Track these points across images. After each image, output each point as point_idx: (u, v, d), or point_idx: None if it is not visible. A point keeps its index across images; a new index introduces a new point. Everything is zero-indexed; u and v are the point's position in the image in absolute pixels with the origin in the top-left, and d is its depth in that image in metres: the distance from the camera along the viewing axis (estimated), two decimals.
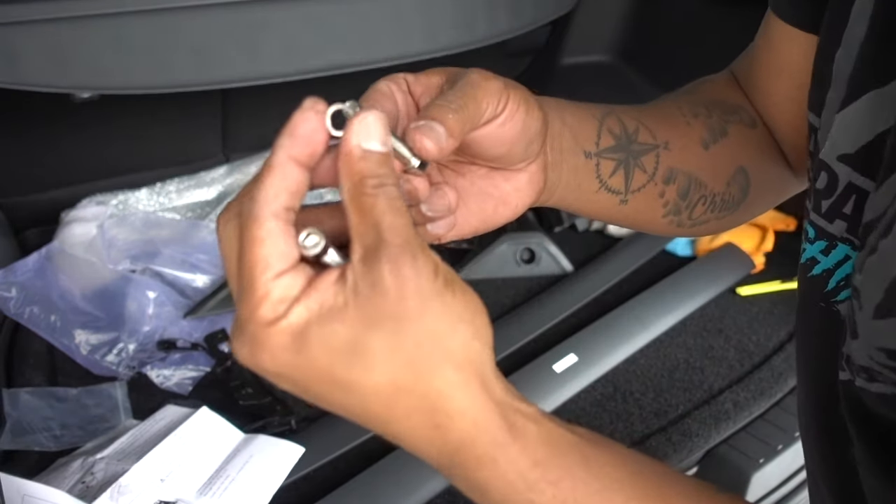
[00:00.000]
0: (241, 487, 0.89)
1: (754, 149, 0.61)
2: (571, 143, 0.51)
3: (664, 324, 1.26)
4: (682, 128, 0.58)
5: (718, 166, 0.59)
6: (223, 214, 0.37)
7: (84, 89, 1.15)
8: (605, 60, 1.76)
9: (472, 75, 0.42)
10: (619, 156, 0.54)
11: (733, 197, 0.60)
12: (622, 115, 0.56)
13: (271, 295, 0.34)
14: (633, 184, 0.55)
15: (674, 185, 0.56)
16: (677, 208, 0.58)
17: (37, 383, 1.11)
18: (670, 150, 0.56)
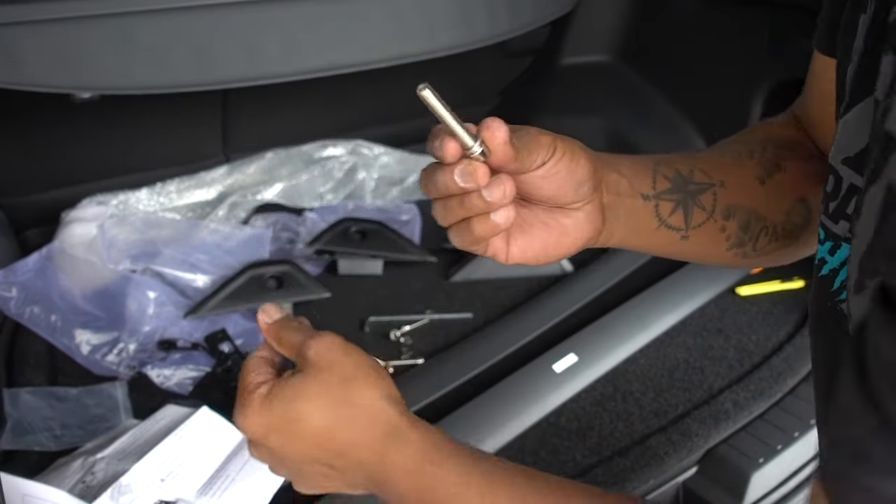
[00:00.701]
0: (241, 487, 0.89)
1: (813, 181, 0.63)
2: (628, 189, 0.57)
3: (664, 324, 1.26)
4: (738, 166, 0.62)
5: (776, 199, 0.62)
6: None
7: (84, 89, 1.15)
8: (605, 60, 1.76)
9: (530, 129, 0.52)
10: (677, 196, 0.59)
11: (795, 225, 0.63)
12: (676, 161, 0.61)
13: (252, 381, 0.57)
14: (692, 220, 0.59)
15: (734, 220, 0.60)
16: (740, 241, 0.62)
17: (37, 383, 1.11)
18: (727, 188, 0.60)
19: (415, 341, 1.24)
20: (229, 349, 1.19)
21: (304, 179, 1.57)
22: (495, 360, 1.18)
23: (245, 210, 1.51)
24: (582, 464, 1.02)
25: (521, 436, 1.05)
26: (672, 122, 1.62)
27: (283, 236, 1.47)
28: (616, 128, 1.71)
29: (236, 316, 1.25)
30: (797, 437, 1.05)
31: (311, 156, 1.60)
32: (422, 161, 1.66)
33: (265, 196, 1.53)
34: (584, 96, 1.76)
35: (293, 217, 1.51)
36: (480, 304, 1.31)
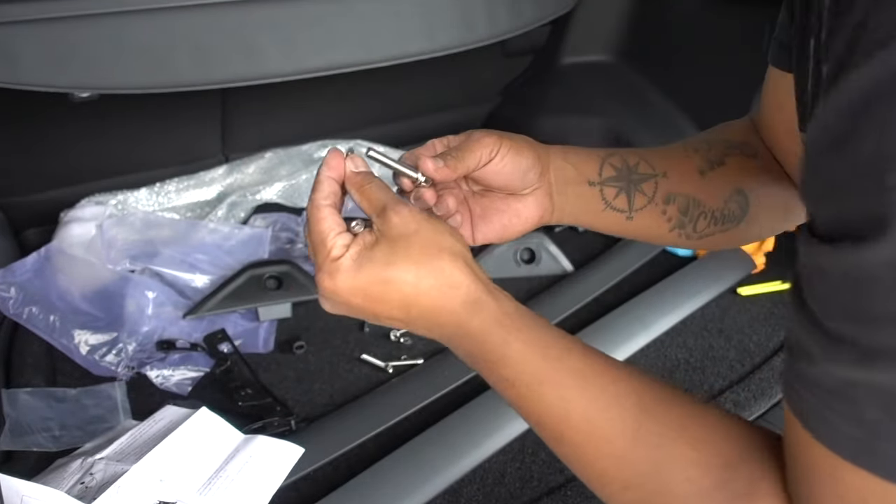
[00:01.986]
0: (240, 488, 0.89)
1: (753, 175, 0.71)
2: (574, 174, 0.68)
3: (664, 324, 1.25)
4: (682, 160, 0.70)
5: (714, 188, 0.70)
6: None
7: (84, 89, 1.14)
8: (605, 60, 1.76)
9: (475, 134, 0.64)
10: (621, 184, 0.68)
11: (732, 212, 0.71)
12: (626, 153, 0.69)
13: (336, 244, 0.57)
14: (635, 204, 0.68)
15: (674, 205, 0.69)
16: (681, 223, 0.70)
17: (36, 384, 1.11)
18: (668, 178, 0.69)
19: (415, 341, 1.23)
20: (228, 349, 1.18)
21: (304, 179, 1.56)
22: None
23: (244, 210, 1.50)
24: None
25: (521, 436, 1.05)
26: (672, 122, 1.62)
27: (282, 236, 1.47)
28: (616, 128, 1.70)
29: (235, 316, 1.25)
30: None
31: (310, 156, 1.59)
32: None
33: (264, 196, 1.53)
34: (584, 96, 1.76)
35: (293, 217, 1.50)
36: None
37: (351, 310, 0.58)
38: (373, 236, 0.56)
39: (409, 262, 0.55)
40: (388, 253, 0.55)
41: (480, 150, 0.63)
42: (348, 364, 1.19)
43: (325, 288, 0.57)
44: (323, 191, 0.59)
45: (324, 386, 1.15)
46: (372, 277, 0.55)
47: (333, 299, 0.57)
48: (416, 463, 0.99)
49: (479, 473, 1.00)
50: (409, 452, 1.01)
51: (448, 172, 0.61)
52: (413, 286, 0.55)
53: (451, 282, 0.56)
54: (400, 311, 0.56)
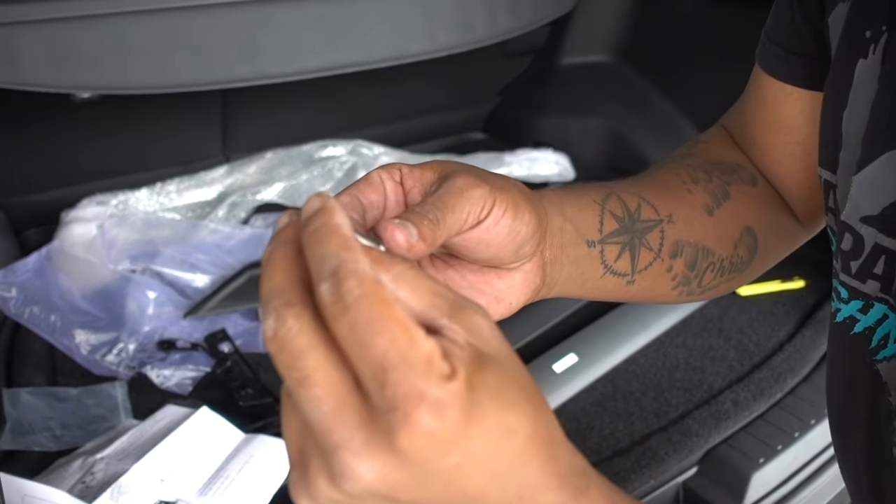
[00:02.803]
0: (241, 487, 0.89)
1: (758, 207, 0.60)
2: (573, 237, 0.49)
3: (664, 324, 1.26)
4: (685, 196, 0.56)
5: (724, 231, 0.57)
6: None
7: (84, 89, 1.15)
8: (605, 60, 1.76)
9: (458, 181, 0.41)
10: (624, 238, 0.52)
11: (741, 258, 0.59)
12: (622, 193, 0.53)
13: (434, 353, 0.29)
14: (639, 264, 0.53)
15: (681, 259, 0.55)
16: (686, 279, 0.56)
17: (37, 383, 1.11)
18: (675, 223, 0.54)
19: None
20: (229, 349, 1.19)
21: (304, 179, 1.57)
22: None
23: (245, 210, 1.51)
24: None
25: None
26: (672, 122, 1.62)
27: None
28: (616, 128, 1.71)
29: (236, 316, 1.25)
30: (797, 437, 1.05)
31: (311, 156, 1.60)
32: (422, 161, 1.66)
33: (265, 196, 1.53)
34: (584, 96, 1.76)
35: None
36: None
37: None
38: (466, 351, 0.30)
39: (527, 402, 0.32)
40: (500, 381, 0.31)
41: (467, 209, 0.41)
42: None
43: (425, 447, 0.28)
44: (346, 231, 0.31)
45: None
46: (492, 424, 0.30)
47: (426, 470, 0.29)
48: None
49: None
50: None
51: (424, 249, 0.37)
52: (528, 434, 0.32)
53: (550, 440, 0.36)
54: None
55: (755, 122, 0.62)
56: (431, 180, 0.43)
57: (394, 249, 0.36)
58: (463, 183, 0.41)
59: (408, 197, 0.43)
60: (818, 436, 1.06)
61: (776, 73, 0.59)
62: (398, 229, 0.36)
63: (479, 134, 1.94)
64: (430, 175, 0.44)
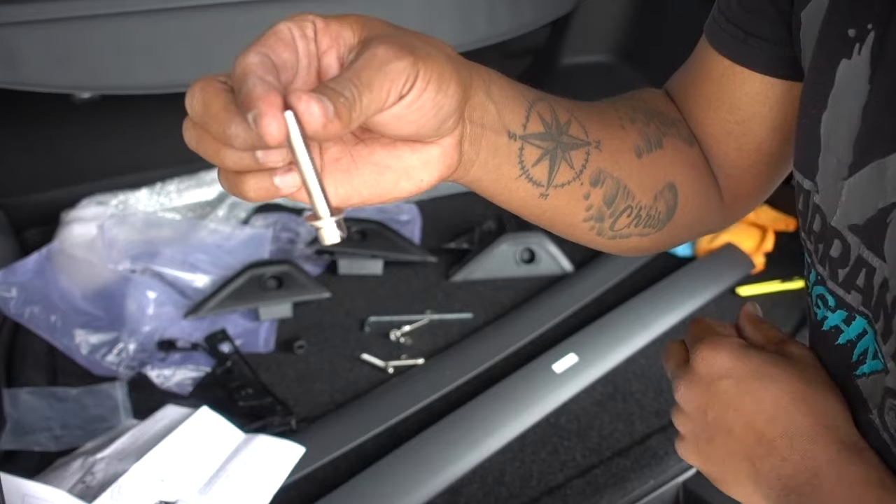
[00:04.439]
0: (241, 487, 0.89)
1: (688, 167, 0.58)
2: (495, 120, 0.46)
3: (664, 324, 1.26)
4: (617, 130, 0.54)
5: (649, 177, 0.55)
6: None
7: (84, 89, 1.15)
8: (605, 60, 1.76)
9: (379, 51, 0.37)
10: (547, 145, 0.49)
11: (659, 213, 0.57)
12: (555, 103, 0.50)
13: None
14: (557, 178, 0.50)
15: (600, 189, 0.53)
16: (601, 215, 0.54)
17: (37, 383, 1.11)
18: (602, 151, 0.52)
19: (415, 341, 1.24)
20: (229, 349, 1.19)
21: None
22: (495, 360, 1.18)
23: (245, 210, 1.51)
24: (582, 464, 1.02)
25: (521, 436, 1.05)
26: None
27: (283, 236, 1.47)
28: None
29: (236, 316, 1.25)
30: None
31: None
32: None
33: None
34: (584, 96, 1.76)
35: (293, 217, 1.51)
36: (480, 304, 1.31)
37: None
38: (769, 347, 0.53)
39: (800, 378, 0.49)
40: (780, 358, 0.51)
41: (387, 86, 0.37)
42: (348, 364, 1.19)
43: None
44: None
45: (324, 386, 1.15)
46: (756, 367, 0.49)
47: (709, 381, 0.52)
48: (416, 463, 1.00)
49: (479, 473, 1.00)
50: (409, 452, 1.01)
51: (339, 128, 0.35)
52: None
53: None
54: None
55: (696, 94, 0.60)
56: (350, 43, 0.40)
57: (309, 124, 0.34)
58: (384, 54, 0.37)
59: (322, 60, 0.40)
60: None
61: (729, 53, 0.56)
62: (314, 100, 0.34)
63: None
64: (349, 35, 0.40)
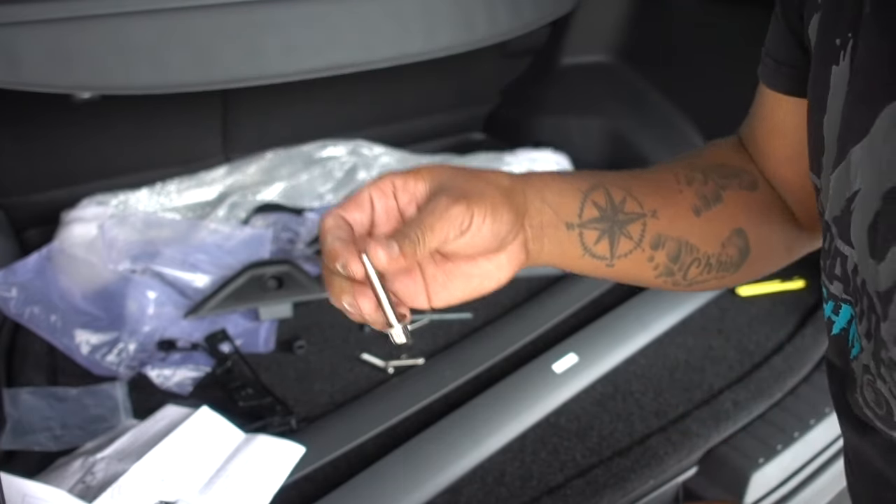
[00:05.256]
0: (241, 487, 0.89)
1: (755, 211, 0.63)
2: (552, 218, 0.56)
3: (664, 324, 1.26)
4: (674, 196, 0.60)
5: (711, 231, 0.60)
6: None
7: (84, 89, 1.15)
8: (605, 60, 1.76)
9: (441, 199, 0.49)
10: (604, 226, 0.57)
11: (731, 257, 0.62)
12: (611, 185, 0.58)
13: None
14: (618, 250, 0.57)
15: (662, 251, 0.59)
16: (669, 270, 0.60)
17: (37, 383, 1.11)
18: (659, 218, 0.58)
19: (415, 341, 1.24)
20: (229, 349, 1.19)
21: (304, 179, 1.57)
22: (495, 360, 1.18)
23: (245, 210, 1.51)
24: (582, 464, 1.02)
25: (521, 436, 1.05)
26: (672, 122, 1.62)
27: (283, 236, 1.47)
28: (616, 128, 1.71)
29: (236, 316, 1.25)
30: (797, 437, 1.05)
31: (311, 156, 1.60)
32: (422, 161, 1.66)
33: (265, 196, 1.53)
34: (584, 96, 1.76)
35: (293, 217, 1.51)
36: (480, 304, 1.31)
37: None
38: None
39: None
40: None
41: (447, 227, 0.49)
42: (348, 364, 1.19)
43: None
44: None
45: (324, 386, 1.15)
46: None
47: None
48: (416, 463, 1.00)
49: (479, 473, 1.00)
50: (409, 452, 1.01)
51: (403, 263, 0.48)
52: None
53: None
54: None
55: (759, 129, 0.66)
56: (424, 193, 0.52)
57: (378, 264, 0.47)
58: (445, 203, 0.49)
59: (405, 211, 0.52)
60: (818, 436, 1.06)
61: (769, 82, 0.62)
62: (380, 246, 0.47)
63: (479, 134, 1.94)
64: (422, 187, 0.52)
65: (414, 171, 0.52)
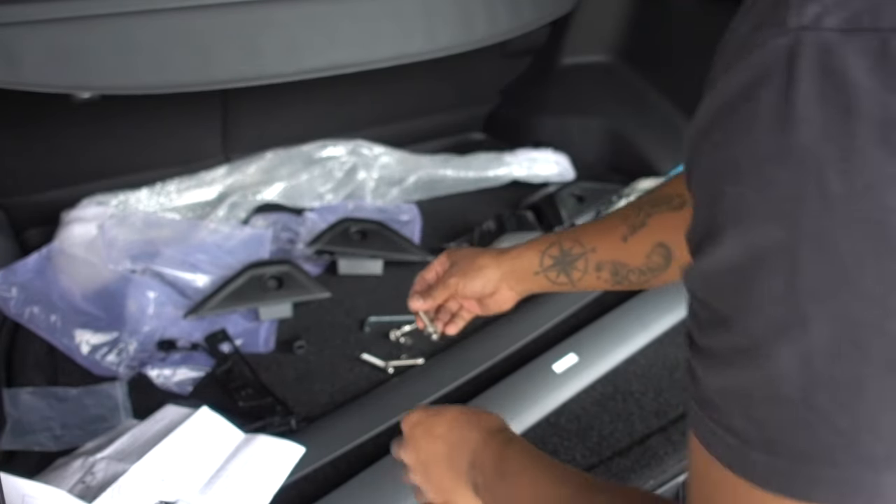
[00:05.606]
0: (241, 487, 0.89)
1: (675, 226, 0.79)
2: (522, 274, 0.88)
3: (664, 324, 1.25)
4: (610, 232, 0.83)
5: (636, 249, 0.81)
6: None
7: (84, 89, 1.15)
8: (605, 60, 1.76)
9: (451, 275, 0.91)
10: (559, 267, 0.85)
11: (657, 263, 0.81)
12: (565, 239, 0.85)
13: None
14: (573, 278, 0.85)
15: (605, 271, 0.84)
16: (616, 281, 0.84)
17: (37, 383, 1.11)
18: (596, 251, 0.83)
19: (415, 341, 1.24)
20: (229, 349, 1.19)
21: (304, 179, 1.57)
22: (495, 360, 1.18)
23: (245, 210, 1.51)
24: (582, 464, 1.02)
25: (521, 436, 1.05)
26: (672, 122, 1.62)
27: (283, 236, 1.47)
28: (616, 128, 1.71)
29: (236, 316, 1.25)
30: None
31: (311, 156, 1.60)
32: (422, 161, 1.66)
33: (265, 196, 1.53)
34: (584, 96, 1.76)
35: (293, 217, 1.51)
36: None
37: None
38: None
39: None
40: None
41: (447, 293, 0.91)
42: (348, 364, 1.19)
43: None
44: None
45: (324, 386, 1.15)
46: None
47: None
48: None
49: None
50: None
51: (424, 306, 0.92)
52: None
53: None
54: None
55: None
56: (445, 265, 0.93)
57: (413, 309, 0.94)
58: (446, 277, 0.91)
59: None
60: None
61: None
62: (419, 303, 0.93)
63: (479, 134, 1.94)
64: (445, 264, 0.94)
65: (445, 260, 0.93)
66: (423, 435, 0.75)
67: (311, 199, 1.56)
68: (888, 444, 0.33)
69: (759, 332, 0.34)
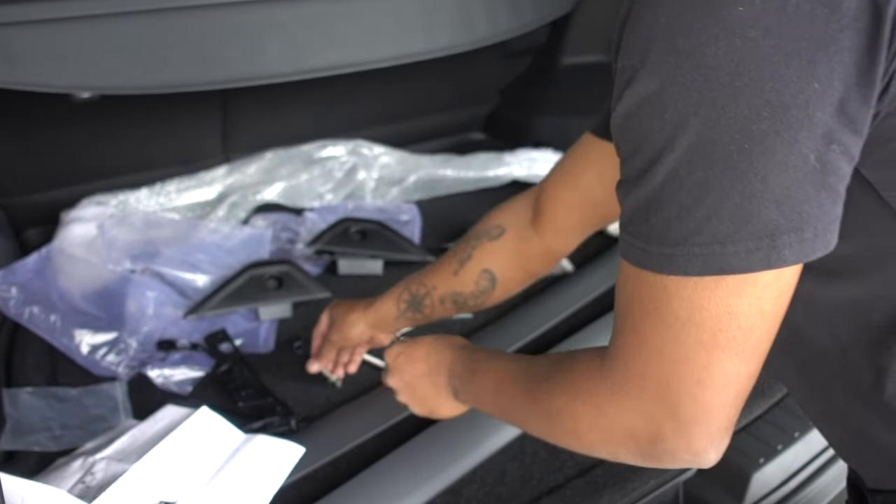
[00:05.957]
0: (241, 487, 0.89)
1: (495, 255, 0.95)
2: (386, 321, 1.06)
3: None
4: (444, 269, 0.99)
5: (465, 278, 0.97)
6: None
7: (84, 89, 1.15)
8: (605, 60, 1.76)
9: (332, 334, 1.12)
10: (413, 307, 1.02)
11: (485, 286, 0.96)
12: (413, 283, 1.02)
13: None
14: (427, 311, 1.01)
15: (448, 303, 0.99)
16: (460, 307, 0.99)
17: (37, 383, 1.11)
18: (437, 289, 0.99)
19: None
20: (229, 349, 1.19)
21: (304, 179, 1.57)
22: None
23: (245, 210, 1.51)
24: (582, 464, 1.01)
25: (521, 436, 1.05)
26: None
27: (283, 236, 1.47)
28: None
29: (236, 316, 1.25)
30: (797, 437, 1.05)
31: (311, 156, 1.60)
32: (422, 161, 1.66)
33: (265, 196, 1.53)
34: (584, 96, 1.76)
35: (293, 217, 1.51)
36: None
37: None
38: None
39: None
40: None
41: (333, 346, 1.12)
42: None
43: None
44: None
45: (324, 386, 1.15)
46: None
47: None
48: (416, 463, 1.00)
49: (479, 473, 1.00)
50: (409, 452, 1.01)
51: (319, 367, 1.14)
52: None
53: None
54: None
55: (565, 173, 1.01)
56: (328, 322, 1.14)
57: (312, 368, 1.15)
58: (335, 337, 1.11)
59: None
60: (818, 436, 1.06)
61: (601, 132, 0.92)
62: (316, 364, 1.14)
63: (479, 134, 1.94)
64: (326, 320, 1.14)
65: (322, 317, 1.13)
66: (405, 361, 0.90)
67: (311, 199, 1.56)
68: (728, 225, 0.48)
69: (647, 156, 0.50)
